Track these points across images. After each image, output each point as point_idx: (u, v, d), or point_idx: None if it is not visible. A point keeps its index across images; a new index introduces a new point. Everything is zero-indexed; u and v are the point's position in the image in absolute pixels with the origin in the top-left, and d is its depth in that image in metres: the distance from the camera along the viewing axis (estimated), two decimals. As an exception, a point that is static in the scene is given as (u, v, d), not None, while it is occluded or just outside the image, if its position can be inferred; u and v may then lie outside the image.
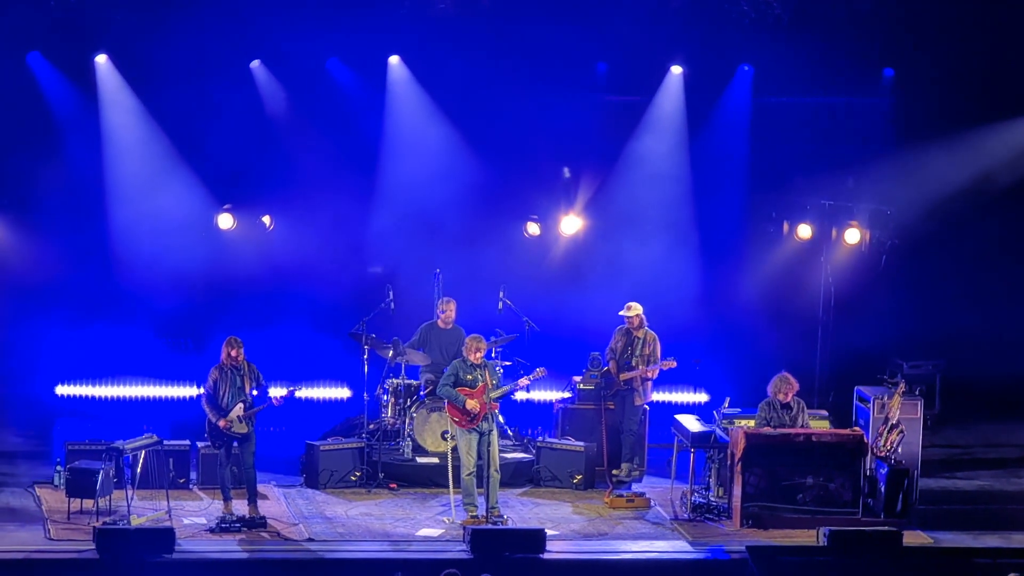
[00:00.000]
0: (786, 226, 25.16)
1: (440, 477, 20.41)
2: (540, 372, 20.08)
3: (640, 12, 23.50)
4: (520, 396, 21.89)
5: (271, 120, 23.81)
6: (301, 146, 23.87)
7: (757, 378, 21.36)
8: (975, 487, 21.87)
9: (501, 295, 22.46)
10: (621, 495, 20.50)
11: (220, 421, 19.36)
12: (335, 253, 24.20)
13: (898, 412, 19.98)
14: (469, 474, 19.62)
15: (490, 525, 19.15)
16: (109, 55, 23.44)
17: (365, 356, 21.67)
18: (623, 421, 21.66)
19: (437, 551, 18.35)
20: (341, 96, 23.97)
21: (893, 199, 24.51)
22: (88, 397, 24.27)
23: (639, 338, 21.59)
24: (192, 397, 22.61)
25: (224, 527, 18.91)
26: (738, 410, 21.12)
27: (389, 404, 21.76)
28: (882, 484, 19.77)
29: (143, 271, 23.90)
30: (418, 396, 21.64)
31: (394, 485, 20.89)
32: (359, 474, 20.92)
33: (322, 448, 20.90)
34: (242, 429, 19.46)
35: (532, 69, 23.64)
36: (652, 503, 20.40)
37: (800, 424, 20.02)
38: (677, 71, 24.36)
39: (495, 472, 19.56)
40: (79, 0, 23.00)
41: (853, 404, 21.03)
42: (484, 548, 18.09)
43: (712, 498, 20.22)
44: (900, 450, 19.92)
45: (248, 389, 19.50)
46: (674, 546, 19.04)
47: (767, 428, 19.88)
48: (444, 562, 17.29)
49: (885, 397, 20.22)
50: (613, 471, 21.51)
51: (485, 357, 19.94)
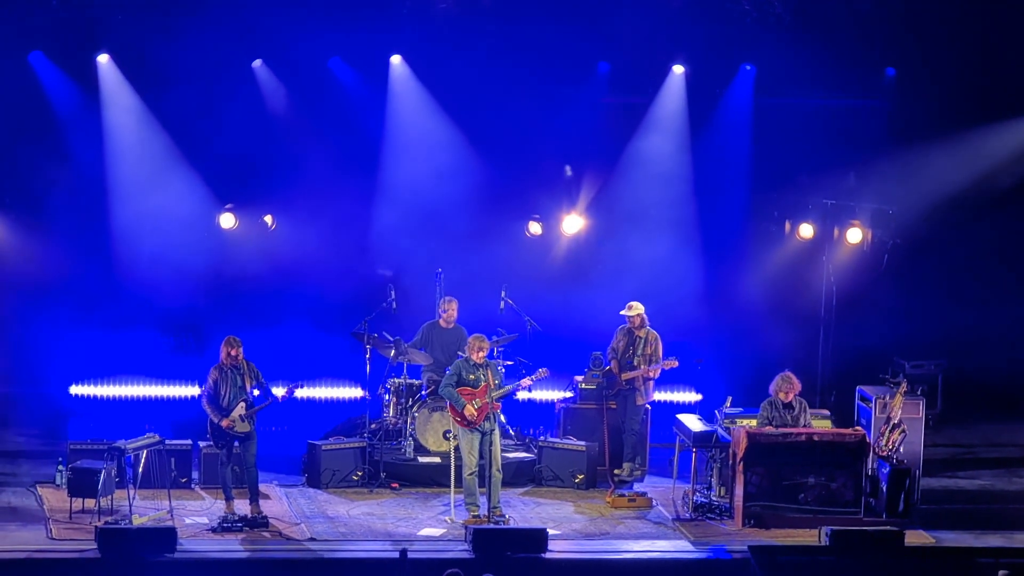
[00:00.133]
0: (788, 225, 25.16)
1: (442, 477, 20.40)
2: (542, 372, 20.07)
3: (642, 12, 23.48)
4: (522, 396, 21.87)
5: (273, 119, 23.79)
6: (303, 145, 23.85)
7: (759, 377, 21.35)
8: (977, 486, 21.86)
9: (503, 294, 22.45)
10: (623, 494, 20.49)
11: (223, 421, 19.37)
12: (337, 253, 24.18)
13: (900, 411, 19.98)
14: (471, 474, 19.61)
15: (492, 525, 19.14)
16: (111, 54, 23.42)
17: (367, 356, 21.67)
18: (625, 421, 21.65)
19: (439, 551, 18.34)
20: (343, 95, 23.95)
21: (895, 199, 24.51)
22: (100, 397, 24.24)
23: (641, 337, 21.59)
24: (194, 396, 22.59)
25: (226, 527, 18.90)
26: (740, 409, 21.14)
27: (391, 403, 21.77)
28: (884, 484, 19.76)
29: (145, 270, 23.88)
30: (420, 396, 21.64)
31: (396, 485, 20.88)
32: (361, 474, 20.91)
33: (324, 448, 20.89)
34: (244, 428, 19.47)
35: (534, 68, 23.62)
36: (654, 503, 20.39)
37: (802, 424, 20.01)
38: (679, 70, 24.35)
39: (497, 472, 19.54)
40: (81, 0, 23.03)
41: (855, 403, 21.02)
42: (486, 548, 18.07)
43: (714, 497, 20.21)
44: (902, 449, 19.91)
45: (249, 388, 19.52)
46: (676, 546, 19.03)
47: (769, 428, 19.88)
48: (446, 562, 17.26)
49: (887, 396, 20.21)
50: (615, 471, 21.50)
51: (487, 357, 19.94)
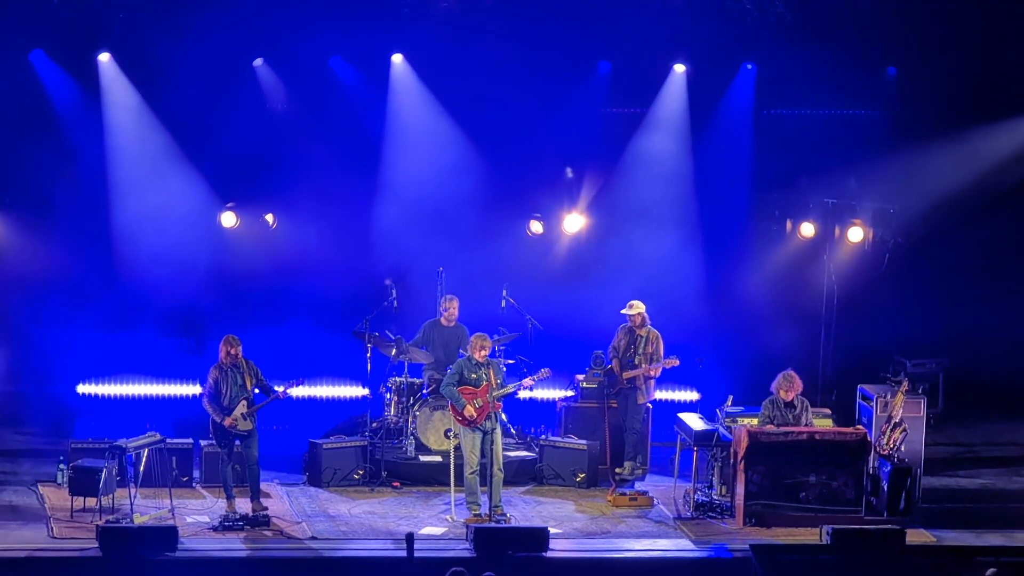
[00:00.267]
0: (789, 224, 25.15)
1: (443, 475, 20.39)
2: (544, 373, 20.06)
3: (643, 11, 23.47)
4: (524, 395, 21.87)
5: (274, 118, 23.78)
6: (304, 144, 23.83)
7: (760, 376, 21.34)
8: (978, 485, 21.86)
9: (504, 293, 22.45)
10: (624, 493, 20.49)
11: (225, 420, 19.38)
12: (338, 252, 24.16)
13: (901, 410, 19.97)
14: (472, 472, 19.61)
15: (493, 524, 19.15)
16: (112, 53, 23.41)
17: (368, 354, 21.67)
18: (626, 419, 21.66)
19: (440, 550, 18.33)
20: (344, 94, 23.94)
21: (896, 197, 24.51)
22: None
23: (642, 336, 21.59)
24: (195, 395, 22.60)
25: (227, 525, 18.91)
26: (741, 408, 21.13)
27: (392, 402, 21.77)
28: (885, 482, 19.75)
29: (145, 269, 23.87)
30: (421, 394, 21.63)
31: (397, 483, 20.88)
32: (362, 472, 20.91)
33: (325, 446, 20.89)
34: (247, 426, 19.48)
35: (535, 67, 23.60)
36: (655, 501, 20.39)
37: (803, 423, 20.01)
38: (680, 69, 24.35)
39: (498, 471, 19.54)
40: (82, -2, 23.06)
41: (856, 402, 20.99)
42: (487, 546, 18.06)
43: (715, 496, 20.18)
44: (903, 448, 19.89)
45: (250, 386, 19.53)
46: (677, 544, 19.03)
47: (770, 426, 19.88)
48: (447, 560, 17.25)
49: (888, 395, 20.20)
50: (616, 469, 21.51)
51: (489, 355, 19.93)
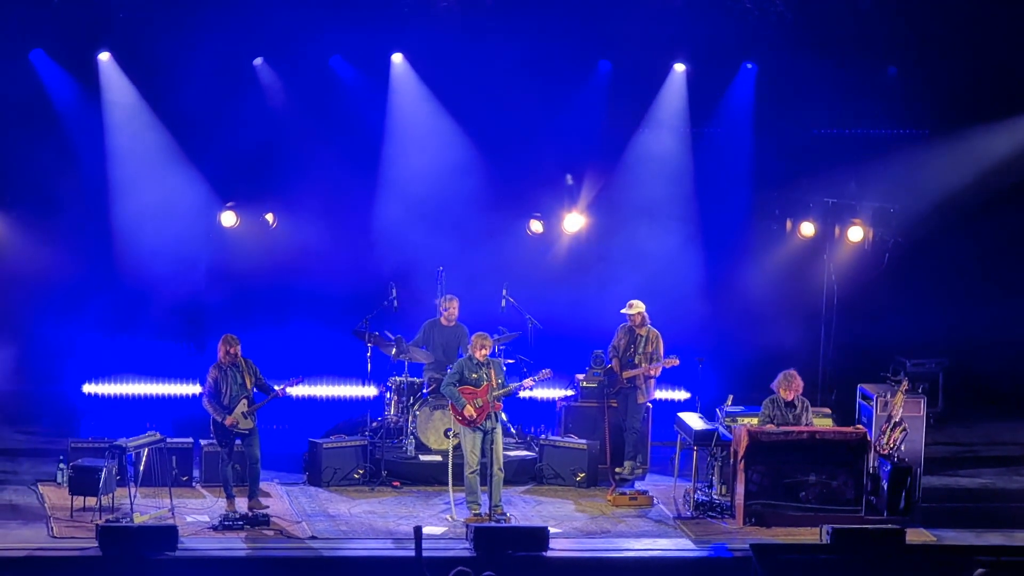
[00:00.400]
0: (789, 224, 25.14)
1: (443, 475, 20.36)
2: (545, 373, 20.06)
3: (643, 10, 23.46)
4: (524, 394, 21.86)
5: (274, 118, 23.75)
6: (304, 144, 23.83)
7: (760, 375, 21.34)
8: (978, 485, 21.85)
9: (504, 293, 22.44)
10: (624, 493, 20.49)
11: (226, 419, 19.38)
12: (338, 251, 24.15)
13: (901, 410, 19.96)
14: (473, 472, 19.60)
15: (493, 523, 19.14)
16: (112, 52, 23.40)
17: (368, 354, 21.67)
18: (626, 419, 21.66)
19: (440, 549, 18.32)
20: (344, 94, 23.94)
21: (896, 197, 24.50)
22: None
23: (642, 336, 21.59)
24: (195, 395, 22.60)
25: (227, 525, 18.90)
26: (741, 408, 21.13)
27: (392, 402, 21.77)
28: (885, 482, 19.75)
29: (146, 268, 23.87)
30: (421, 394, 21.63)
31: (397, 483, 20.88)
32: (362, 472, 20.91)
33: (325, 446, 20.89)
34: (248, 425, 19.49)
35: (535, 66, 23.58)
36: (655, 501, 20.39)
37: (804, 423, 20.00)
38: (681, 69, 24.35)
39: (499, 470, 19.54)
40: (82, -3, 23.06)
41: (856, 402, 20.98)
42: (487, 546, 18.06)
43: (715, 496, 20.17)
44: (903, 448, 19.88)
45: (250, 386, 19.53)
46: (677, 544, 19.03)
47: (770, 426, 19.87)
48: (447, 560, 17.26)
49: (888, 395, 20.19)
50: (616, 469, 21.51)
51: (489, 355, 19.92)
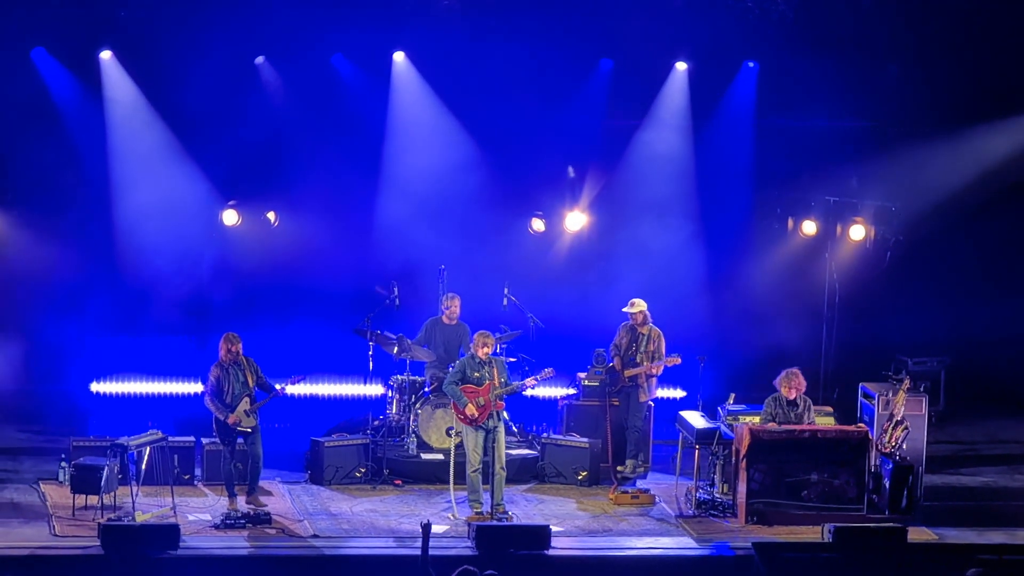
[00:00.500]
0: (791, 222, 25.13)
1: (445, 473, 20.34)
2: (548, 372, 20.06)
3: (645, 9, 23.46)
4: (526, 392, 21.86)
5: (275, 116, 23.75)
6: (306, 142, 23.83)
7: (762, 374, 21.35)
8: (980, 483, 21.85)
9: (506, 291, 22.44)
10: (626, 491, 20.49)
11: (229, 417, 19.38)
12: (340, 249, 24.16)
13: (903, 408, 19.97)
14: (475, 471, 19.60)
15: (495, 522, 19.14)
16: (113, 51, 23.40)
17: (370, 352, 21.68)
18: (628, 417, 21.65)
19: (442, 548, 18.30)
20: (346, 92, 23.94)
21: (898, 195, 24.50)
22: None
23: (643, 334, 21.58)
24: (196, 393, 22.60)
25: (229, 523, 18.90)
26: (743, 406, 21.12)
27: (394, 400, 21.77)
28: (887, 480, 19.75)
29: (148, 267, 23.87)
30: (423, 392, 21.63)
31: (399, 481, 20.89)
32: (364, 470, 20.91)
33: (327, 444, 20.88)
34: (251, 423, 19.51)
35: (536, 65, 23.58)
36: (657, 499, 20.39)
37: (806, 422, 19.98)
38: (682, 67, 24.35)
39: (501, 469, 19.54)
40: (83, -4, 23.06)
41: (858, 400, 21.00)
42: (489, 545, 18.08)
43: (717, 494, 20.16)
44: (905, 446, 19.90)
45: (252, 384, 19.54)
46: (679, 542, 19.03)
47: (772, 424, 19.87)
48: (449, 559, 17.26)
49: (890, 393, 20.20)
50: (618, 467, 21.50)
51: (492, 353, 19.91)
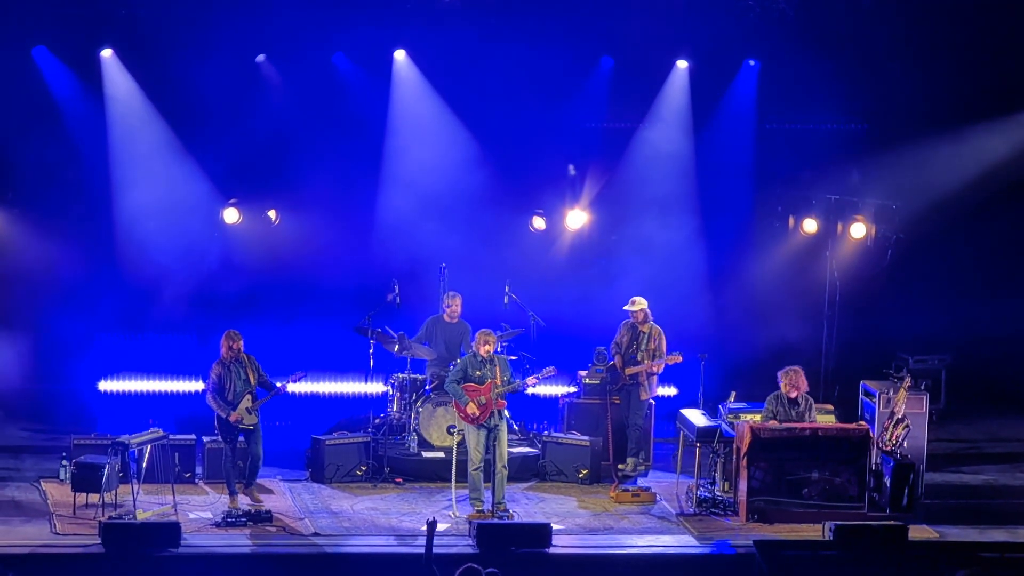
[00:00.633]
0: (792, 220, 25.16)
1: (446, 471, 20.34)
2: (550, 371, 20.05)
3: (646, 7, 23.46)
4: (527, 391, 21.84)
5: (276, 115, 23.76)
6: (307, 141, 23.84)
7: (763, 372, 21.35)
8: (981, 481, 21.85)
9: (507, 289, 22.45)
10: (627, 489, 20.49)
11: (231, 415, 19.39)
12: (340, 248, 24.18)
13: (904, 406, 19.96)
14: (476, 469, 19.60)
15: (496, 520, 19.15)
16: (114, 49, 23.41)
17: (371, 350, 21.68)
18: (628, 416, 21.66)
19: (443, 546, 18.28)
20: (347, 90, 23.95)
21: (899, 194, 24.50)
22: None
23: (644, 333, 21.59)
24: (197, 391, 22.62)
25: (230, 521, 18.90)
26: (744, 404, 21.13)
27: (395, 398, 21.77)
28: (888, 478, 19.74)
29: (147, 265, 23.88)
30: (424, 390, 21.64)
31: (400, 479, 20.89)
32: (365, 468, 20.92)
33: (328, 442, 20.89)
34: (252, 421, 19.52)
35: (537, 63, 23.58)
36: (657, 497, 20.39)
37: (807, 421, 19.97)
38: (683, 65, 24.35)
39: (503, 468, 19.54)
40: (84, -5, 23.06)
41: (859, 398, 21.01)
42: (490, 542, 18.08)
43: (718, 492, 20.17)
44: (906, 444, 19.89)
45: (253, 381, 19.55)
46: (680, 540, 19.03)
47: (773, 422, 19.86)
48: (449, 557, 17.25)
49: (891, 391, 20.20)
50: (619, 465, 21.51)
51: (493, 351, 19.90)
